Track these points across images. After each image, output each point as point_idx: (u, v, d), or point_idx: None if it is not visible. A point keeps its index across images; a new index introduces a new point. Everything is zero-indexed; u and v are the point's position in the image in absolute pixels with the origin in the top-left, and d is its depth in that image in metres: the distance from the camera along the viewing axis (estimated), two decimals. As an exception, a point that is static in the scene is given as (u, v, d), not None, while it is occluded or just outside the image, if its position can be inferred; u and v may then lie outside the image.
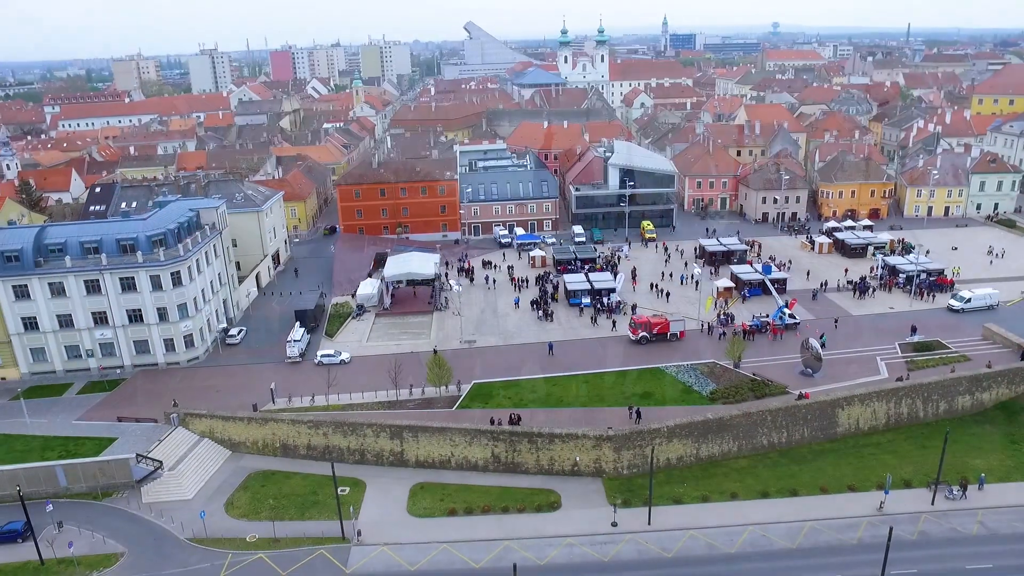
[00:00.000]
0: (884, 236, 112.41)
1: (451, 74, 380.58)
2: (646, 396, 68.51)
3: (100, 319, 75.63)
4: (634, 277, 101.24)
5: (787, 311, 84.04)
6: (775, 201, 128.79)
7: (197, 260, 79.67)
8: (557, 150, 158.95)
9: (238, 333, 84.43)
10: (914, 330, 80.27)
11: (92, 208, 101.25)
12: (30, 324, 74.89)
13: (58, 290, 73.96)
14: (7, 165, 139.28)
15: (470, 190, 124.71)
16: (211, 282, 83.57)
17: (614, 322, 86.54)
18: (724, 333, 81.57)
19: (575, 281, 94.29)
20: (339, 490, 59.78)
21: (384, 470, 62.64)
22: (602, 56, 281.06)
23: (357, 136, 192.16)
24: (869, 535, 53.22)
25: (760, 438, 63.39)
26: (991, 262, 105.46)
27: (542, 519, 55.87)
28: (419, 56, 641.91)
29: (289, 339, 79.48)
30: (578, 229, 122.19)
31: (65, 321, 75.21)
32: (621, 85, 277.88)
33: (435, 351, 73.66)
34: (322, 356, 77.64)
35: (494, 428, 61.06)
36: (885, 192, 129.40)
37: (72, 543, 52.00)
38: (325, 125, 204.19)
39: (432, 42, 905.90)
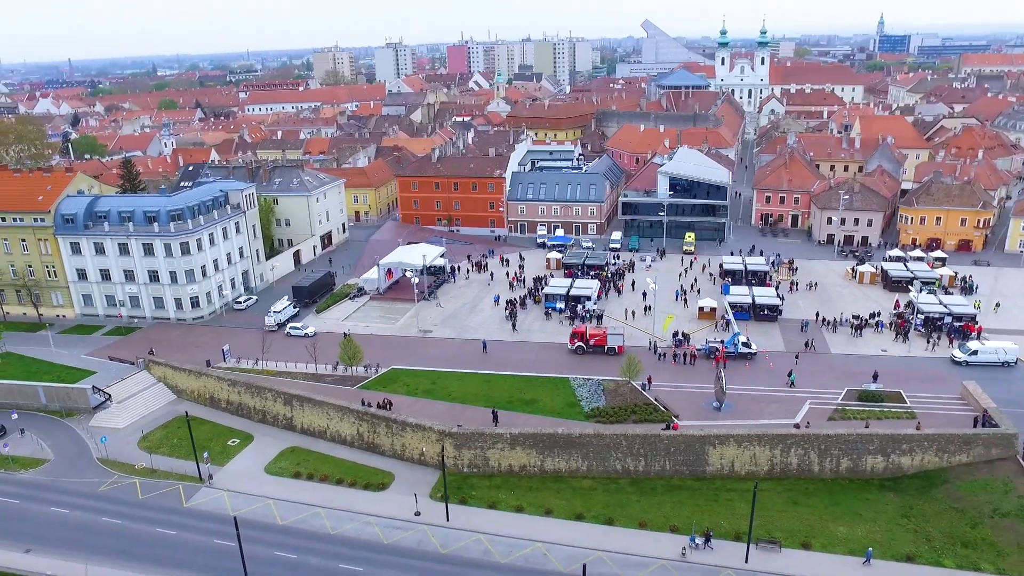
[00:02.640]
0: (942, 271, 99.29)
1: (622, 72, 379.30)
2: (530, 403, 69.79)
3: (129, 276, 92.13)
4: (632, 288, 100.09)
5: (742, 339, 79.41)
6: (842, 222, 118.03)
7: (211, 234, 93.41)
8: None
9: (245, 301, 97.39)
10: (875, 377, 72.25)
11: (181, 184, 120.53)
12: (81, 275, 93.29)
13: (100, 249, 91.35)
14: (165, 144, 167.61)
15: (516, 188, 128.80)
16: (228, 254, 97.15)
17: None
18: (664, 355, 79.35)
19: (555, 286, 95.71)
20: (230, 441, 69.70)
21: (275, 431, 70.95)
22: (763, 59, 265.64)
23: (504, 131, 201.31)
24: (651, 575, 51.59)
25: (614, 462, 62.33)
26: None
27: (362, 496, 60.74)
28: (614, 52, 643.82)
29: (270, 310, 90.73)
30: (615, 235, 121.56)
31: (105, 275, 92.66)
32: (782, 89, 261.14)
33: (345, 335, 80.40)
34: (290, 328, 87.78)
35: (360, 409, 66.67)
36: (979, 222, 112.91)
37: (8, 444, 66.77)
38: (455, 119, 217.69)
39: (636, 39, 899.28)
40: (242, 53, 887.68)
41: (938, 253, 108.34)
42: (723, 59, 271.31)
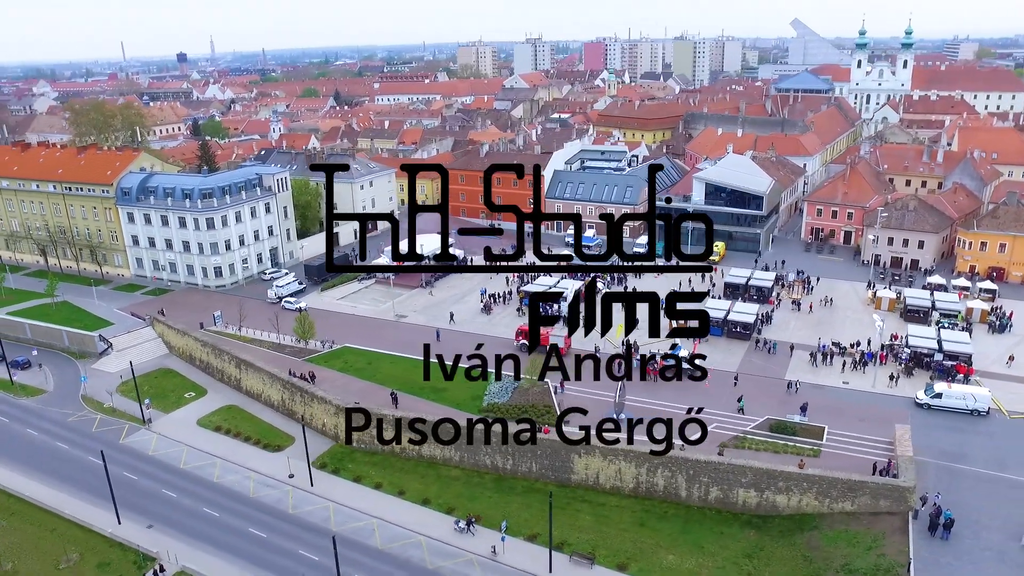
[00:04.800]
0: (972, 303, 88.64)
1: (765, 73, 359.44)
2: (439, 391, 72.58)
3: (169, 245, 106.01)
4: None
5: (683, 353, 76.87)
6: (890, 242, 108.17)
7: (237, 212, 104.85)
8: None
9: (270, 274, 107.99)
10: (804, 409, 67.63)
11: (249, 164, 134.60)
12: (135, 241, 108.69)
13: (148, 219, 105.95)
14: (274, 128, 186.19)
15: (555, 187, 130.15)
16: (255, 231, 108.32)
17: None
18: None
19: (537, 284, 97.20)
20: (187, 394, 79.50)
21: (227, 389, 79.70)
22: (905, 61, 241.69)
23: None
24: (452, 566, 53.59)
25: (483, 457, 64.16)
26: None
27: (258, 454, 67.47)
28: (769, 52, 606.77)
29: (273, 284, 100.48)
30: (641, 239, 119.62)
31: (152, 242, 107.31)
32: (904, 95, 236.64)
33: (300, 310, 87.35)
34: (284, 302, 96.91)
35: (283, 377, 73.51)
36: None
37: (16, 374, 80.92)
38: (552, 115, 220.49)
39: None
40: (419, 45, 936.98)
41: (986, 284, 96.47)
42: (859, 61, 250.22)
